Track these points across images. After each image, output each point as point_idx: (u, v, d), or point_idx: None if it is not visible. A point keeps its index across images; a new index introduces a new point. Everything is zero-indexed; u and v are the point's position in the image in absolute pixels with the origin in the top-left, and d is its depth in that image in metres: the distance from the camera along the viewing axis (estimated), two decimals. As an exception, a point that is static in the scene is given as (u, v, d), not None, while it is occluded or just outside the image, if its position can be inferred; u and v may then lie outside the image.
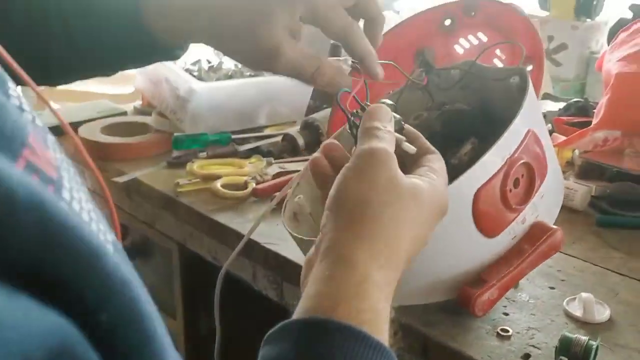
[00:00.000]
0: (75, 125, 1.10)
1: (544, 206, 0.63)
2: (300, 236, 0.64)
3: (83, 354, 0.22)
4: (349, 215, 0.42)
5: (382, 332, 0.38)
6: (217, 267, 0.87)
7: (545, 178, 0.62)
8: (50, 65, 0.63)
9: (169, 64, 1.05)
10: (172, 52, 0.62)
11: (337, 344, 0.35)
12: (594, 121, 0.92)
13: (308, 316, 0.37)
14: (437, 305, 0.67)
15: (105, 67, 0.66)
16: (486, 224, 0.59)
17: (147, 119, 1.13)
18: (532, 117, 0.62)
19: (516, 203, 0.60)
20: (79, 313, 0.22)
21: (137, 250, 1.09)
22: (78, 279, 0.23)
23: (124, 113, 1.22)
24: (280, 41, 0.54)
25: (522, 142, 0.59)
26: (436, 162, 0.49)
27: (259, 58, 0.56)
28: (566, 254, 0.79)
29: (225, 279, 0.83)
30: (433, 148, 0.51)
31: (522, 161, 0.59)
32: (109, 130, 1.09)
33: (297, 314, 0.38)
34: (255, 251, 0.80)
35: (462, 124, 0.65)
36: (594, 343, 0.57)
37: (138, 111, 1.25)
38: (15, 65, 0.31)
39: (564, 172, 1.01)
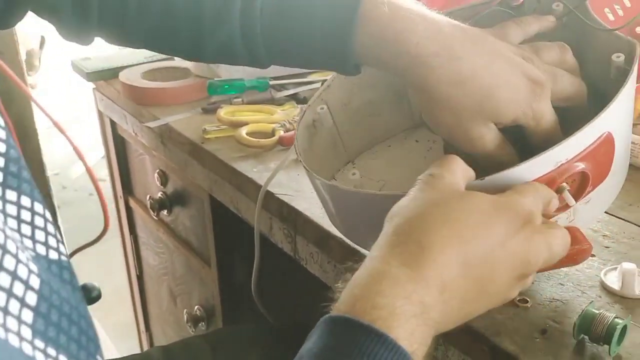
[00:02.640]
0: (120, 70, 1.10)
1: (587, 211, 0.53)
2: (304, 163, 0.58)
3: None
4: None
5: (395, 330, 0.37)
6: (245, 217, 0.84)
7: (602, 183, 0.51)
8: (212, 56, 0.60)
9: None
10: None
11: (346, 337, 0.36)
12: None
13: (331, 314, 0.39)
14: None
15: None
16: None
17: (189, 64, 1.10)
18: (618, 115, 0.50)
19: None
20: None
21: (176, 197, 1.08)
22: None
23: (172, 58, 1.19)
24: (485, 134, 0.52)
25: (588, 147, 0.48)
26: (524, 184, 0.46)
27: (456, 136, 0.54)
28: (618, 217, 0.69)
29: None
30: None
31: (578, 169, 0.48)
32: (151, 75, 1.08)
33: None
34: (270, 202, 0.76)
35: None
36: (620, 321, 0.49)
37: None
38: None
39: (635, 125, 0.89)
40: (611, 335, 0.48)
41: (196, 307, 1.11)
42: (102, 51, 1.16)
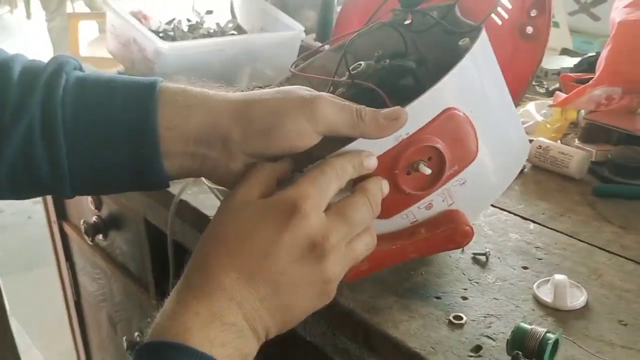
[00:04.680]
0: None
1: (466, 194, 0.54)
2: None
3: None
4: None
5: (191, 340, 0.41)
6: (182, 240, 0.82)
7: (472, 164, 0.53)
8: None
9: (136, 22, 0.98)
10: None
11: (152, 357, 0.42)
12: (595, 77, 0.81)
13: (139, 344, 0.44)
14: (390, 289, 0.60)
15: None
16: None
17: (120, 84, 1.07)
18: (463, 94, 0.51)
19: (414, 188, 0.51)
20: None
21: (112, 221, 1.05)
22: None
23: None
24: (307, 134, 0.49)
25: (430, 122, 0.49)
26: (306, 172, 0.48)
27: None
28: (550, 228, 0.70)
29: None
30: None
31: (425, 144, 0.49)
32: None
33: None
34: (205, 225, 0.73)
35: (400, 84, 0.56)
36: (551, 336, 0.49)
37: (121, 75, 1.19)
38: None
39: (566, 135, 0.91)
40: (543, 351, 0.49)
41: (136, 333, 1.08)
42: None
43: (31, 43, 4.94)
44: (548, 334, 0.49)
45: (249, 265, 0.44)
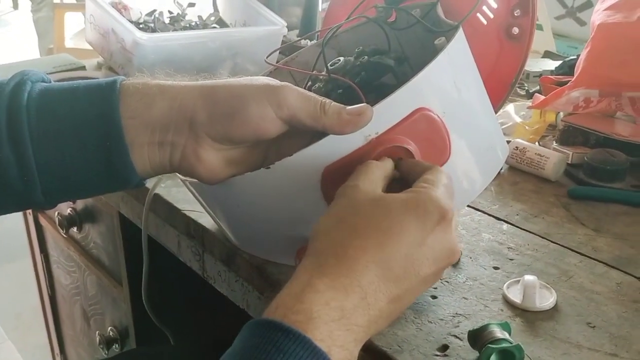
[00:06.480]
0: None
1: None
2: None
3: None
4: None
5: (312, 331, 0.38)
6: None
7: (445, 166, 0.52)
8: None
9: (115, 12, 0.97)
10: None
11: (265, 337, 0.38)
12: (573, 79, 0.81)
13: (255, 319, 0.40)
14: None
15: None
16: None
17: (98, 74, 1.06)
18: (435, 94, 0.51)
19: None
20: None
21: (86, 214, 1.03)
22: None
23: (82, 68, 1.15)
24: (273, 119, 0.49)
25: (400, 122, 0.49)
26: (432, 174, 0.47)
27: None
28: (523, 229, 0.70)
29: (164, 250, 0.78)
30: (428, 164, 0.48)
31: (395, 144, 0.49)
32: (58, 86, 1.03)
33: None
34: (177, 219, 0.73)
35: (379, 81, 0.55)
36: (502, 341, 0.48)
37: (100, 66, 1.18)
38: None
39: (544, 137, 0.91)
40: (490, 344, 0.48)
41: (109, 328, 1.06)
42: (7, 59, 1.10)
43: (18, 34, 4.88)
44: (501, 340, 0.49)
45: (391, 264, 0.42)
